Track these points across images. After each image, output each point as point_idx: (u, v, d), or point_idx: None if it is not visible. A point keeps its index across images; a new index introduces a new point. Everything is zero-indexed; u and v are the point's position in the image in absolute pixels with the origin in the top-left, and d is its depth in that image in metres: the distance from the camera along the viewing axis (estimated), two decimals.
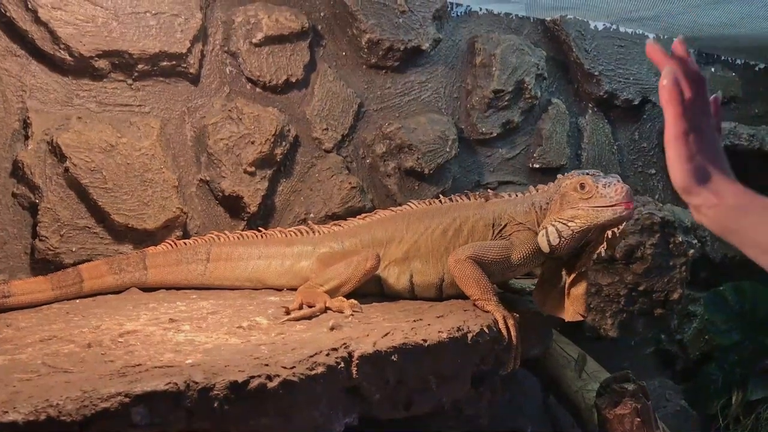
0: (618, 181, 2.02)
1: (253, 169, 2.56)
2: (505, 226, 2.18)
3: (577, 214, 2.03)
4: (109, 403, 1.28)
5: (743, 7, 3.12)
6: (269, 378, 1.45)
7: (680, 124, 1.29)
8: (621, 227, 2.04)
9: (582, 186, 2.04)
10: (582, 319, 2.12)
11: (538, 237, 2.11)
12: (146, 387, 1.32)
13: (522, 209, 2.18)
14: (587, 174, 2.07)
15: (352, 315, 1.95)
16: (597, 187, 2.02)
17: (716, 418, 3.66)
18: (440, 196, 2.40)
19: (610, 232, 2.04)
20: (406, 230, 2.24)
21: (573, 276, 2.11)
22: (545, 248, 2.09)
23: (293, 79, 2.69)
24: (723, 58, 4.04)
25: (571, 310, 2.11)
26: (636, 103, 3.58)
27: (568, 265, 2.15)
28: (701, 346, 3.81)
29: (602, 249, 2.06)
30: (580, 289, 2.10)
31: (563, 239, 2.06)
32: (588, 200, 2.02)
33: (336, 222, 2.41)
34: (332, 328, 1.80)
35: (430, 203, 2.32)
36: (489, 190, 2.35)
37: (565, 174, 2.15)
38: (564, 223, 2.05)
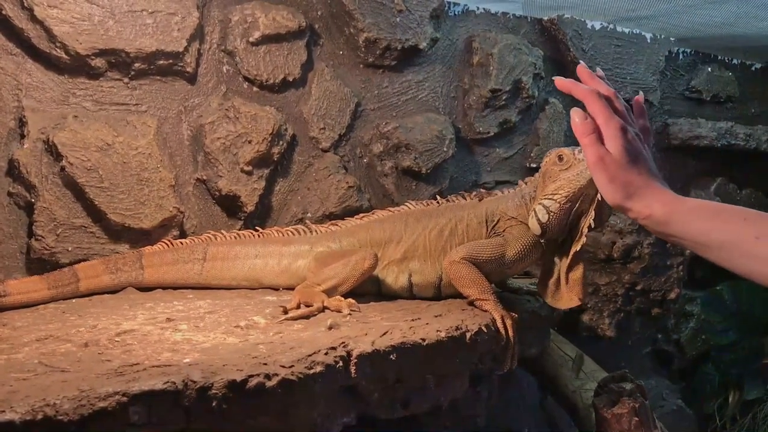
0: None
1: (250, 168, 2.56)
2: (498, 221, 2.17)
3: (560, 185, 2.03)
4: (106, 402, 1.27)
5: (740, 7, 3.12)
6: (268, 377, 1.44)
7: (595, 150, 1.43)
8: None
9: (560, 158, 2.04)
10: (579, 304, 2.09)
11: (528, 222, 2.10)
12: (144, 386, 1.31)
13: (513, 203, 2.18)
14: (564, 147, 2.08)
15: (350, 314, 1.94)
16: (574, 154, 2.02)
17: (713, 418, 3.67)
18: (437, 196, 2.39)
19: (599, 196, 1.95)
20: (404, 231, 2.24)
21: (569, 259, 2.07)
22: (536, 230, 2.07)
23: (290, 78, 2.68)
24: (720, 57, 4.05)
25: (567, 297, 2.09)
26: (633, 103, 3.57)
27: (563, 248, 2.11)
28: (698, 346, 3.82)
29: (591, 220, 2.00)
30: (578, 272, 2.07)
31: (552, 214, 2.04)
32: (568, 170, 2.02)
33: (333, 221, 2.40)
34: (330, 328, 1.79)
35: (428, 204, 2.32)
36: (482, 189, 2.35)
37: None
38: (549, 198, 2.04)
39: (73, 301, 2.10)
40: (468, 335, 1.87)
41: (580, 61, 1.61)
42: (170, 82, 2.50)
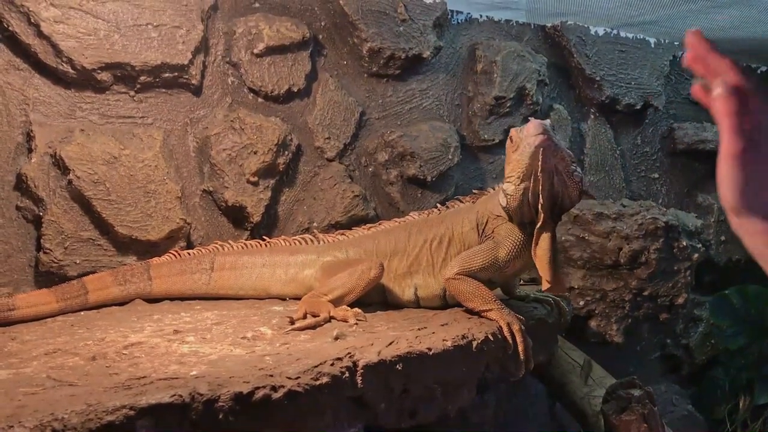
0: (531, 119, 2.01)
1: (255, 179, 2.57)
2: (487, 223, 2.15)
3: (513, 167, 2.02)
4: (114, 416, 1.27)
5: (744, 11, 3.12)
6: (274, 389, 1.44)
7: (738, 141, 1.09)
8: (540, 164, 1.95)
9: (511, 140, 2.05)
10: (548, 285, 2.04)
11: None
12: (151, 399, 1.32)
13: (497, 201, 2.13)
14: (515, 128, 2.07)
15: (356, 324, 1.95)
16: (519, 134, 2.02)
17: (723, 423, 3.64)
18: (437, 205, 2.39)
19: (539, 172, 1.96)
20: (407, 243, 2.23)
21: (534, 236, 2.04)
22: (504, 216, 2.08)
23: (295, 89, 2.70)
24: None
25: (543, 280, 2.06)
26: (638, 107, 3.58)
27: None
28: (707, 351, 3.79)
29: (541, 196, 1.97)
30: (542, 247, 2.02)
31: (509, 196, 2.03)
32: (516, 150, 2.01)
33: (341, 231, 2.41)
34: (337, 338, 1.79)
35: (429, 213, 2.32)
36: (475, 191, 2.33)
37: None
38: (508, 182, 2.04)
39: (82, 313, 2.11)
40: (474, 344, 1.86)
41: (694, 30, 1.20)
42: (176, 94, 2.52)
